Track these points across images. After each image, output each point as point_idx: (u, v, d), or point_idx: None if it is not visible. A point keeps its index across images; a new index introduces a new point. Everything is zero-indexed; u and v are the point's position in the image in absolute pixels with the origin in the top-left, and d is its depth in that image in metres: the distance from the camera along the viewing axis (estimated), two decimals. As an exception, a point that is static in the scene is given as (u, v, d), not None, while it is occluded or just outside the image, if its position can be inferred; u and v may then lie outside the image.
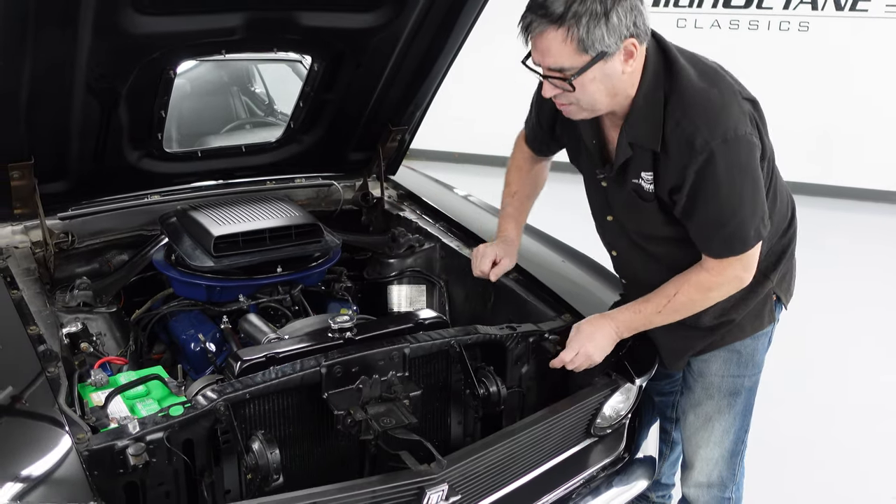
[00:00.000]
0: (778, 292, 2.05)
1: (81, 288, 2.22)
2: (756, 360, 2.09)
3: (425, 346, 1.89)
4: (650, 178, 1.80)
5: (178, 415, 1.58)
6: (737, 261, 1.81)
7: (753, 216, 1.77)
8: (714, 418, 2.14)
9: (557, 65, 1.65)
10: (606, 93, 1.71)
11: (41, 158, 2.17)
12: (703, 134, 1.68)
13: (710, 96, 1.71)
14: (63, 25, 1.82)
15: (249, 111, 4.17)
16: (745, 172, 1.73)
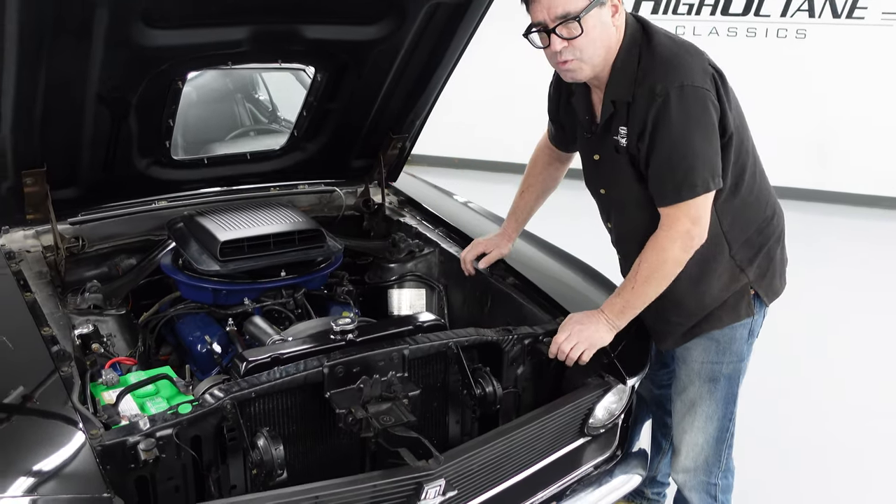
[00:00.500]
0: (756, 288, 2.13)
1: (92, 291, 2.29)
2: (734, 349, 2.17)
3: (424, 347, 1.96)
4: (624, 132, 1.97)
5: (187, 412, 1.65)
6: (684, 213, 1.92)
7: (703, 165, 1.89)
8: (697, 404, 2.24)
9: (564, 10, 1.83)
10: (603, 44, 1.90)
11: (53, 166, 2.24)
12: (662, 81, 1.86)
13: (675, 52, 1.92)
14: (77, 39, 1.89)
15: (254, 118, 4.24)
16: (696, 121, 1.87)
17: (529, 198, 2.45)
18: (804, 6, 6.75)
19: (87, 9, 1.82)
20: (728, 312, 2.12)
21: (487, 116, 7.68)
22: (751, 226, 2.10)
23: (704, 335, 2.15)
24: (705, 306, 2.12)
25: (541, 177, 2.43)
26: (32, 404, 1.68)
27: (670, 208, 1.93)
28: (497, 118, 7.57)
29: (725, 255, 2.08)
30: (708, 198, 1.93)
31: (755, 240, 2.11)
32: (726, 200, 2.03)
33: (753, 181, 2.08)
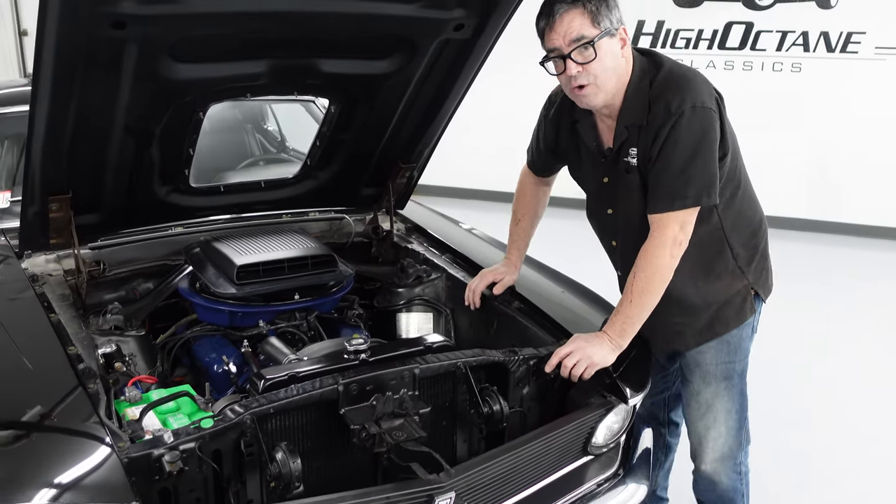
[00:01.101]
0: (755, 287, 2.31)
1: (114, 312, 2.37)
2: (742, 347, 2.34)
3: (434, 366, 2.04)
4: (635, 153, 2.11)
5: (209, 427, 1.73)
6: (674, 219, 2.06)
7: (700, 179, 2.04)
8: (714, 402, 2.38)
9: (579, 34, 1.98)
10: (614, 71, 2.04)
11: (78, 192, 2.33)
12: (677, 99, 2.02)
13: (686, 74, 2.10)
14: (107, 72, 2.00)
15: (263, 148, 4.36)
16: (702, 138, 2.03)
17: (525, 225, 2.58)
18: (799, 41, 6.91)
19: (118, 44, 1.93)
20: (734, 314, 2.29)
21: (493, 148, 7.81)
22: (746, 229, 2.29)
23: (715, 339, 2.30)
24: (709, 305, 2.28)
25: (531, 203, 2.57)
26: (61, 419, 1.75)
27: (661, 215, 2.08)
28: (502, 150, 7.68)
29: (728, 256, 2.25)
30: (696, 210, 2.09)
31: (751, 242, 2.30)
32: (726, 207, 2.20)
33: (746, 190, 2.28)
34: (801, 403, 3.96)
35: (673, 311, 2.27)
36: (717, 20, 7.13)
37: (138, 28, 1.89)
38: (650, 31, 7.29)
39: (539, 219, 2.61)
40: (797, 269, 5.46)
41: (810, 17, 6.81)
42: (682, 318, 2.30)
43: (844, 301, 5.48)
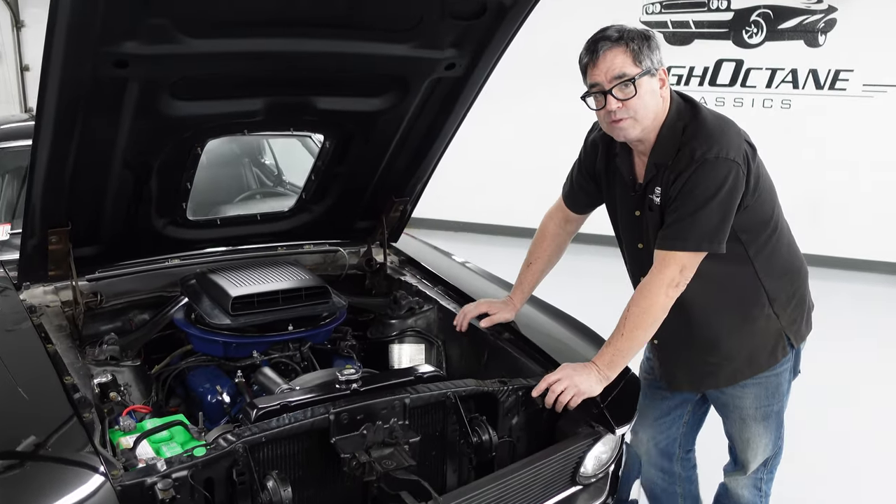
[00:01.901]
0: (788, 333, 2.35)
1: (110, 343, 2.41)
2: (781, 391, 2.42)
3: (424, 396, 2.08)
4: (659, 192, 2.18)
5: (202, 455, 1.76)
6: (674, 260, 2.11)
7: (704, 226, 2.09)
8: (752, 438, 2.48)
9: (621, 71, 2.06)
10: (652, 108, 2.11)
11: (77, 225, 2.38)
12: (702, 148, 2.08)
13: (717, 125, 2.14)
14: (109, 110, 2.07)
15: (260, 182, 4.42)
16: (719, 188, 2.07)
17: (535, 269, 2.60)
18: (788, 78, 7.04)
19: (120, 82, 1.99)
20: (766, 356, 2.34)
21: (488, 182, 7.89)
22: (784, 275, 2.34)
23: (751, 381, 2.36)
24: (743, 347, 2.33)
25: (549, 248, 2.58)
26: (56, 448, 1.79)
27: (663, 253, 2.13)
28: (497, 184, 7.79)
29: (763, 300, 2.30)
30: (698, 255, 2.13)
31: (789, 288, 2.35)
32: (759, 251, 2.26)
33: (783, 238, 2.33)
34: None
35: (706, 351, 2.34)
36: (708, 58, 7.29)
37: (140, 67, 1.96)
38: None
39: (552, 265, 2.62)
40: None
41: (799, 55, 6.96)
42: (715, 358, 2.35)
43: (831, 332, 5.48)
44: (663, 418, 2.65)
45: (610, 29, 2.10)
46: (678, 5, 7.30)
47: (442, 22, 2.22)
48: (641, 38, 2.08)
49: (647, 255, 2.29)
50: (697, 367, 2.40)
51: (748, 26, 7.11)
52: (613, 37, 2.08)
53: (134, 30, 1.85)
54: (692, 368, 2.41)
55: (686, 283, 2.14)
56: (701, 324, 2.30)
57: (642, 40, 2.07)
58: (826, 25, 6.84)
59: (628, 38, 2.07)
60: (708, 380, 2.41)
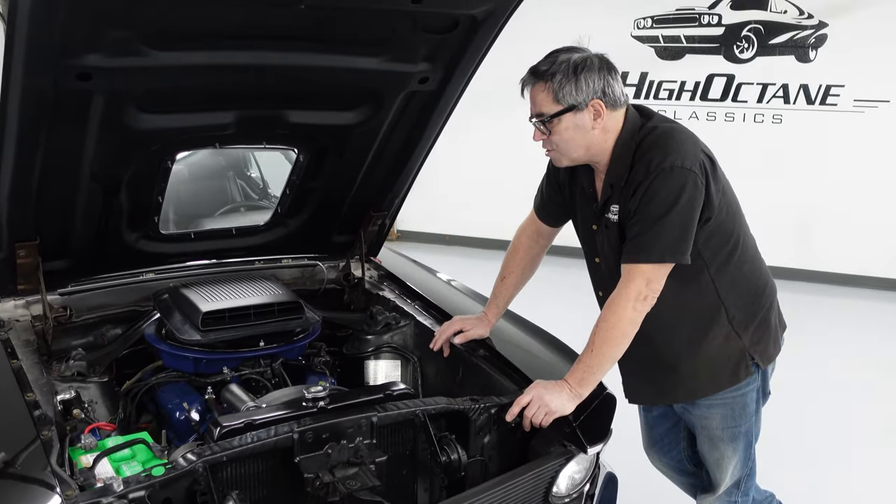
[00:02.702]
0: (752, 353, 2.31)
1: (76, 359, 2.37)
2: (748, 411, 2.37)
3: (392, 415, 2.04)
4: (616, 210, 2.17)
5: (160, 475, 1.72)
6: (640, 273, 2.09)
7: (667, 237, 2.06)
8: (721, 459, 2.46)
9: (539, 110, 2.10)
10: (580, 143, 2.12)
11: (45, 238, 2.35)
12: (657, 159, 2.06)
13: (671, 135, 2.13)
14: (74, 123, 2.04)
15: (245, 195, 4.40)
16: (677, 198, 2.05)
17: (509, 283, 2.57)
18: (779, 93, 7.03)
19: (85, 95, 1.97)
20: (728, 375, 2.31)
21: (479, 195, 7.89)
22: (746, 294, 2.30)
23: (717, 401, 2.33)
24: (701, 366, 2.30)
25: (522, 262, 2.56)
26: (13, 466, 1.74)
27: (629, 265, 2.11)
28: (488, 197, 7.78)
29: (723, 320, 2.26)
30: (663, 266, 2.11)
31: (751, 307, 2.30)
32: (721, 269, 2.22)
33: (746, 254, 2.28)
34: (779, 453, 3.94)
35: (663, 366, 2.32)
36: (699, 72, 7.28)
37: (104, 80, 1.94)
38: (633, 83, 7.43)
39: (526, 280, 2.60)
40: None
41: (790, 70, 6.95)
42: (674, 374, 2.33)
43: (821, 348, 5.48)
44: (659, 443, 2.67)
45: (545, 60, 2.10)
46: (669, 20, 7.30)
47: (414, 36, 2.20)
48: (568, 73, 2.04)
49: (604, 270, 2.29)
50: (656, 381, 2.38)
51: (739, 41, 7.11)
52: (540, 71, 2.08)
53: (96, 42, 1.82)
54: (653, 382, 2.39)
55: (655, 296, 2.11)
56: (659, 340, 2.27)
57: (567, 77, 2.04)
58: (817, 41, 6.84)
59: (551, 74, 2.05)
60: (668, 394, 2.40)
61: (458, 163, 7.95)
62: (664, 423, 2.61)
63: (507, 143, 7.84)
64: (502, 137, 7.18)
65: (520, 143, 2.37)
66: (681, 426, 2.60)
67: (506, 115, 7.50)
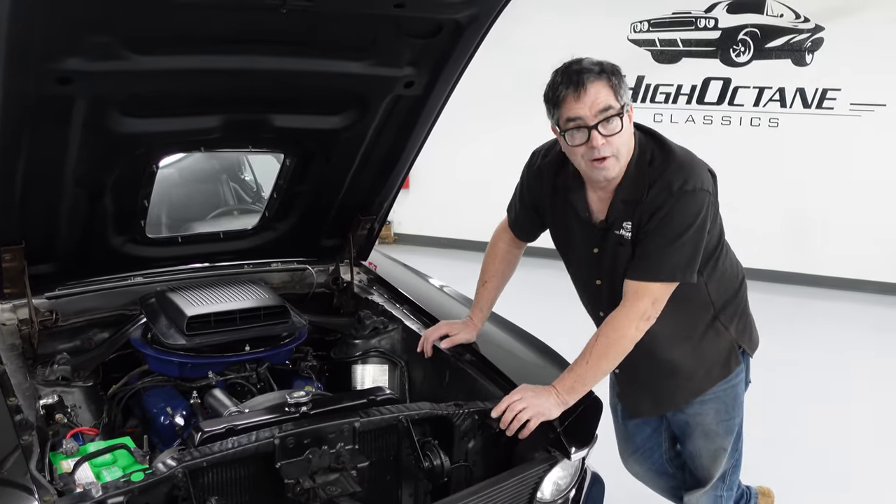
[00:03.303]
0: (741, 342, 2.37)
1: (61, 363, 2.36)
2: (739, 401, 2.43)
3: (375, 420, 2.03)
4: (629, 227, 2.13)
5: (139, 480, 1.71)
6: (648, 292, 2.08)
7: (680, 257, 2.07)
8: (718, 452, 2.48)
9: (607, 104, 1.99)
10: (630, 145, 2.08)
11: (31, 242, 2.34)
12: (679, 181, 2.06)
13: (688, 157, 2.14)
14: (56, 127, 2.04)
15: (238, 198, 4.39)
16: (695, 219, 2.06)
17: (491, 287, 2.57)
18: (776, 97, 7.03)
19: (66, 99, 1.96)
20: (720, 368, 2.35)
21: (475, 198, 7.88)
22: (729, 289, 2.34)
23: (710, 397, 2.36)
24: (698, 366, 2.33)
25: (501, 266, 2.56)
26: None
27: (637, 283, 2.10)
28: (484, 200, 7.78)
29: (710, 317, 2.31)
30: (672, 286, 2.11)
31: (733, 301, 2.35)
32: (710, 275, 2.25)
33: (726, 254, 2.32)
34: (776, 455, 3.93)
35: (666, 375, 2.34)
36: (696, 76, 7.28)
37: (85, 84, 1.93)
38: (630, 86, 7.34)
39: (507, 281, 2.60)
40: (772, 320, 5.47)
41: (786, 73, 6.97)
42: (675, 380, 2.35)
43: (818, 352, 5.49)
44: (641, 450, 2.66)
45: (584, 61, 2.02)
46: (666, 24, 7.30)
47: (398, 40, 2.20)
48: (618, 72, 2.03)
49: (606, 291, 2.27)
50: (658, 391, 2.39)
51: (736, 45, 7.11)
52: (595, 69, 1.99)
53: (76, 46, 1.82)
54: (653, 393, 2.41)
55: (656, 315, 2.11)
56: (658, 350, 2.27)
57: (619, 75, 2.02)
58: (813, 44, 6.84)
59: (609, 71, 2.00)
60: (669, 401, 2.41)
61: (455, 167, 7.96)
62: (645, 430, 2.61)
63: (504, 148, 7.86)
64: (499, 141, 7.21)
65: (516, 147, 2.34)
66: (661, 429, 2.60)
67: (502, 119, 7.57)
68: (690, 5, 7.19)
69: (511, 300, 2.71)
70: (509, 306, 2.74)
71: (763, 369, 2.51)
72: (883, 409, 4.66)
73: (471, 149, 7.69)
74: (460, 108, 4.15)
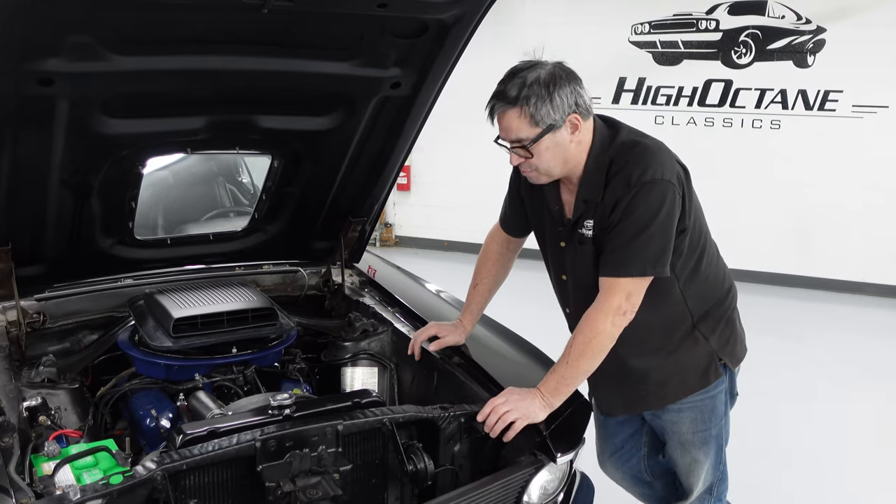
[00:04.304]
0: (721, 355, 2.31)
1: (46, 365, 2.36)
2: (717, 413, 2.36)
3: (358, 423, 2.01)
4: (590, 225, 2.13)
5: (118, 483, 1.70)
6: (620, 287, 2.06)
7: (649, 250, 2.04)
8: (693, 464, 2.45)
9: (517, 137, 2.03)
10: (560, 159, 2.07)
11: (18, 244, 2.34)
12: (638, 172, 2.03)
13: (646, 147, 2.09)
14: (39, 128, 2.03)
15: (234, 200, 4.39)
16: (658, 211, 2.03)
17: (482, 289, 2.55)
18: (777, 98, 7.00)
19: (48, 100, 1.96)
20: (697, 378, 2.30)
21: (477, 200, 7.87)
22: (711, 299, 2.29)
23: (686, 405, 2.32)
24: (671, 373, 2.29)
25: (493, 269, 2.54)
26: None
27: (608, 279, 2.09)
28: (484, 203, 7.77)
29: (688, 325, 2.27)
30: (644, 280, 2.08)
31: (716, 312, 2.30)
32: (689, 280, 2.21)
33: (710, 262, 2.28)
34: (773, 460, 3.90)
35: (634, 378, 2.31)
36: (697, 78, 7.25)
37: (66, 85, 1.93)
38: (631, 88, 7.41)
39: (499, 285, 2.58)
40: (772, 323, 5.47)
41: (788, 75, 6.93)
42: (644, 385, 2.33)
43: (820, 354, 5.46)
44: (619, 451, 2.63)
45: (511, 83, 1.99)
46: (667, 25, 7.27)
47: (383, 40, 2.19)
48: (542, 94, 1.96)
49: (571, 287, 2.27)
50: (629, 391, 2.37)
51: (737, 46, 7.08)
52: (510, 96, 1.98)
53: (56, 47, 1.81)
54: (624, 393, 2.38)
55: (634, 310, 2.09)
56: (629, 352, 2.24)
57: (542, 98, 1.96)
58: (815, 46, 6.81)
59: (525, 98, 1.96)
60: (640, 403, 2.39)
61: (456, 169, 7.95)
62: (625, 430, 2.58)
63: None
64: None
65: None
66: (641, 433, 2.57)
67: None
68: (691, 7, 7.16)
69: (502, 302, 2.69)
70: (500, 309, 2.72)
71: (765, 371, 2.46)
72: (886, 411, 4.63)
73: (472, 151, 7.65)
74: (462, 110, 4.13)
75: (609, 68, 7.27)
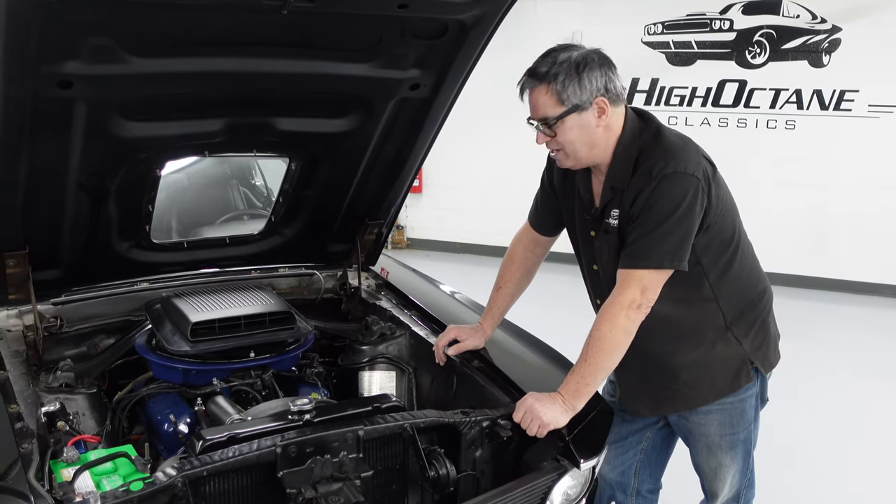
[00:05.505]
0: (753, 359, 2.27)
1: (64, 370, 2.34)
2: (746, 418, 2.32)
3: (379, 428, 2.00)
4: (616, 214, 2.12)
5: (138, 490, 1.69)
6: (635, 280, 2.04)
7: (667, 243, 2.01)
8: (720, 468, 2.41)
9: (542, 114, 2.04)
10: (585, 143, 2.06)
11: (35, 248, 2.33)
12: (659, 165, 2.02)
13: (673, 141, 2.09)
14: (57, 130, 2.02)
15: (248, 203, 4.38)
16: (679, 204, 2.00)
17: (505, 293, 2.52)
18: (792, 98, 6.95)
19: (66, 103, 1.94)
20: (728, 381, 2.26)
21: (490, 203, 7.86)
22: (743, 301, 2.25)
23: (715, 408, 2.28)
24: (702, 374, 2.25)
25: (517, 272, 2.51)
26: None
27: (625, 271, 2.07)
28: (498, 206, 7.75)
29: (721, 326, 2.22)
30: (661, 273, 2.06)
31: (749, 314, 2.26)
32: (719, 277, 2.18)
33: (744, 260, 2.24)
34: (793, 462, 3.86)
35: (666, 376, 2.27)
36: (711, 78, 7.21)
37: (85, 88, 1.91)
38: (644, 89, 7.36)
39: (522, 290, 2.54)
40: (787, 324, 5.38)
41: (803, 75, 6.87)
42: (675, 384, 2.28)
43: (837, 356, 5.41)
44: (619, 442, 2.53)
45: (543, 61, 2.02)
46: (680, 25, 7.23)
47: (402, 41, 2.17)
48: (570, 72, 1.98)
49: (602, 278, 2.24)
50: (657, 391, 2.33)
51: (751, 46, 7.04)
52: (540, 73, 2.01)
53: (75, 50, 1.80)
54: (652, 393, 2.34)
55: (649, 304, 2.06)
56: (659, 350, 2.22)
57: (570, 76, 1.97)
58: (830, 45, 6.75)
59: (553, 75, 1.98)
60: (668, 404, 2.35)
61: (469, 171, 7.93)
62: (629, 427, 2.49)
63: (518, 151, 7.84)
64: (513, 145, 7.16)
65: (531, 150, 2.31)
66: (644, 434, 2.50)
67: (516, 122, 7.53)
68: (705, 7, 7.11)
69: (522, 306, 2.65)
70: (520, 312, 2.69)
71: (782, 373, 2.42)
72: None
73: (484, 153, 7.67)
74: (474, 112, 4.10)
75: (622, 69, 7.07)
